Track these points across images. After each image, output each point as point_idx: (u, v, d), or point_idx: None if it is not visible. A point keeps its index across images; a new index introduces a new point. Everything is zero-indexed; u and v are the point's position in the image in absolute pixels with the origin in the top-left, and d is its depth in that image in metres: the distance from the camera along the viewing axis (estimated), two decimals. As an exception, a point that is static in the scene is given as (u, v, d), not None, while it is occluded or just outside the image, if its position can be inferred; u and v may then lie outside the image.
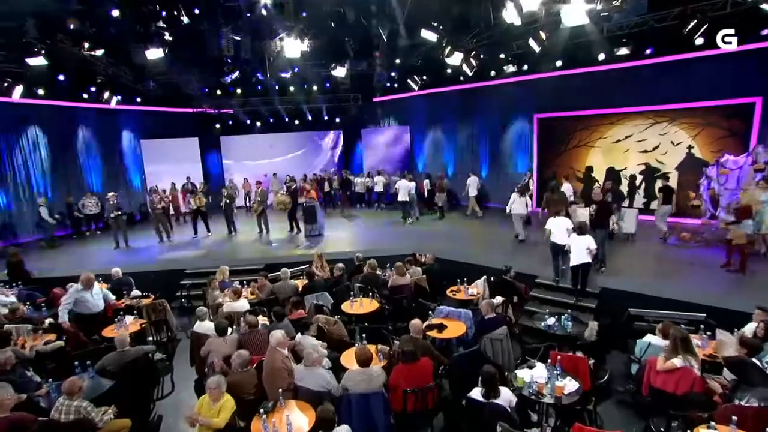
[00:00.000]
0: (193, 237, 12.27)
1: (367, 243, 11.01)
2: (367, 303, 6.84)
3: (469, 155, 15.41)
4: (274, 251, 10.48)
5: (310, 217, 11.43)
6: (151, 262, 10.21)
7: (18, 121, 13.06)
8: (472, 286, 7.33)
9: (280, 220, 13.76)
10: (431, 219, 13.68)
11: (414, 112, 16.90)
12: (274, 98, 16.86)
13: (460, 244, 10.42)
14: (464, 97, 15.05)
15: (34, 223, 13.23)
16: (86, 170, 14.83)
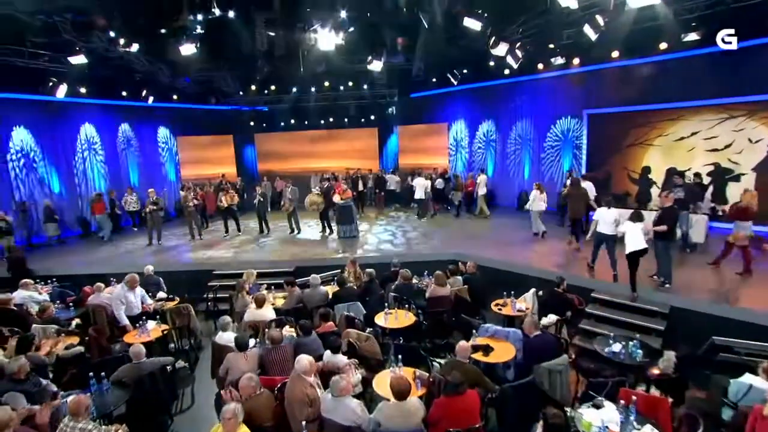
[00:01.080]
0: (224, 235, 12.04)
1: (404, 246, 10.39)
2: (402, 316, 6.22)
3: (512, 153, 14.49)
4: (305, 253, 10.03)
5: (346, 217, 10.91)
6: (180, 261, 10.00)
7: (71, 119, 13.41)
8: (519, 300, 6.57)
9: (313, 218, 13.40)
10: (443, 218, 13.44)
11: (453, 109, 16.13)
12: (308, 95, 16.53)
13: (502, 250, 9.61)
14: (507, 93, 14.15)
15: (77, 217, 13.50)
16: (124, 167, 15.00)
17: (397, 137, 17.44)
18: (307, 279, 7.73)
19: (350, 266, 7.92)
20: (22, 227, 11.78)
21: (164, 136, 16.22)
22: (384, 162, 17.93)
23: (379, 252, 9.98)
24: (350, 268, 7.92)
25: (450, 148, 16.40)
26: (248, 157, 18.02)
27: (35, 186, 12.63)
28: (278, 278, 8.91)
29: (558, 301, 6.47)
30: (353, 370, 4.58)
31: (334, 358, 4.69)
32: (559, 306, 6.37)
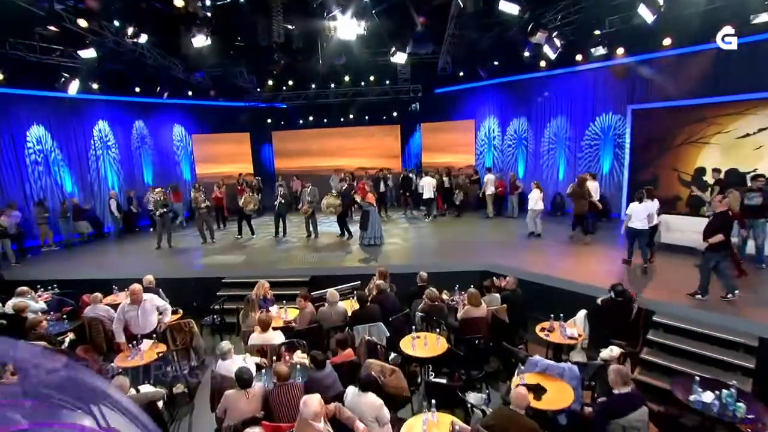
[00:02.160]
0: (237, 237, 11.37)
1: (431, 254, 9.50)
2: (433, 341, 5.35)
3: (545, 153, 13.42)
4: (323, 261, 9.24)
5: (365, 223, 10.06)
6: (189, 267, 9.35)
7: (86, 116, 13.05)
8: (569, 324, 5.62)
9: (331, 221, 12.67)
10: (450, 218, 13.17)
11: (480, 105, 15.12)
12: (327, 90, 15.78)
13: (536, 260, 8.63)
14: (541, 87, 13.09)
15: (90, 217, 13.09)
16: (138, 165, 14.55)
17: (421, 135, 16.51)
18: (324, 292, 6.96)
19: (380, 277, 7.03)
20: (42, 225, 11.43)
21: (179, 134, 15.72)
22: (406, 161, 17.04)
23: (402, 260, 9.12)
24: (380, 279, 7.02)
25: (478, 147, 15.38)
26: (265, 155, 17.39)
27: (52, 185, 12.26)
28: (292, 288, 8.16)
29: (616, 312, 5.53)
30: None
31: (360, 399, 3.83)
32: (618, 320, 5.43)
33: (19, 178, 11.59)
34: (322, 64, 11.85)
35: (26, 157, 11.76)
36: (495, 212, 13.00)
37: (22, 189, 11.66)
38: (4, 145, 11.34)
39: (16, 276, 9.30)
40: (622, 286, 5.83)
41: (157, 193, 10.76)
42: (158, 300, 5.94)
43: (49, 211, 11.67)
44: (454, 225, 12.43)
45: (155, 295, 5.96)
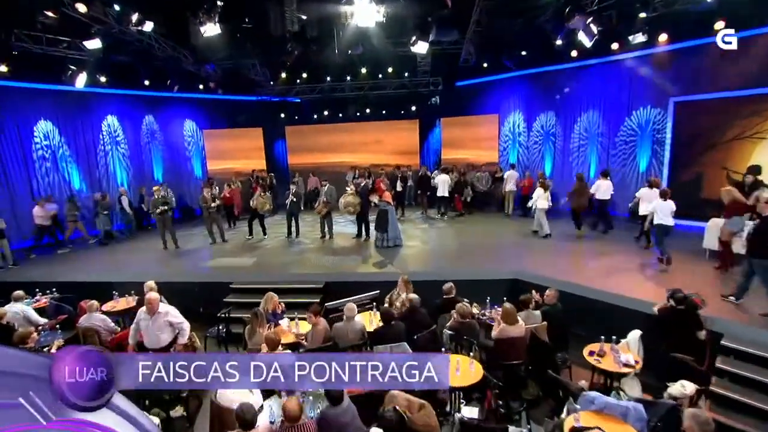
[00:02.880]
0: (248, 238, 10.79)
1: (453, 259, 8.77)
2: (465, 365, 4.64)
3: (575, 150, 12.53)
4: (338, 265, 8.57)
5: (381, 223, 9.37)
6: (195, 270, 8.78)
7: (94, 111, 12.64)
8: (622, 347, 4.85)
9: (346, 221, 12.06)
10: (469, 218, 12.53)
11: (505, 98, 14.26)
12: (343, 83, 15.10)
13: (569, 267, 7.84)
14: (572, 79, 12.18)
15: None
16: (148, 161, 14.11)
17: (440, 130, 15.73)
18: (340, 303, 6.31)
19: (402, 287, 6.33)
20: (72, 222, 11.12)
21: (190, 129, 15.23)
22: (425, 158, 16.29)
23: (422, 266, 8.41)
24: (402, 288, 6.32)
25: (502, 143, 14.55)
26: (279, 151, 16.82)
27: (60, 181, 11.88)
28: (305, 296, 7.55)
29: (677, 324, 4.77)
30: None
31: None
32: (679, 334, 4.68)
33: (26, 175, 11.21)
34: (338, 54, 11.15)
35: (33, 152, 11.38)
36: (521, 212, 12.21)
37: (29, 185, 11.28)
38: (11, 140, 10.95)
39: (16, 277, 8.88)
40: (682, 293, 5.05)
41: (156, 190, 10.23)
42: (175, 315, 5.25)
43: (80, 209, 11.40)
44: (476, 226, 11.67)
45: (173, 310, 5.32)
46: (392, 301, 6.41)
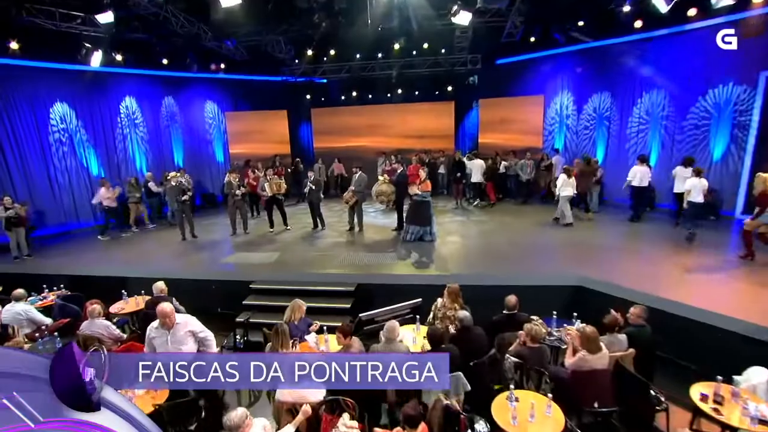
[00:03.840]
0: (270, 231, 9.96)
1: (498, 258, 7.70)
2: (540, 407, 3.63)
3: (634, 135, 11.12)
4: (370, 263, 7.62)
5: (421, 216, 8.34)
6: (213, 266, 7.99)
7: (111, 92, 11.98)
8: (745, 391, 3.74)
9: (374, 212, 11.15)
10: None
11: (552, 77, 12.86)
12: (373, 62, 13.99)
13: (636, 271, 6.67)
14: (634, 54, 10.70)
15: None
16: (168, 145, 13.45)
17: (477, 113, 14.49)
18: (375, 314, 5.41)
19: (449, 299, 5.32)
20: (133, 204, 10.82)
21: (211, 111, 14.46)
22: (460, 142, 15.10)
23: (463, 266, 7.38)
24: (450, 302, 5.32)
25: (547, 127, 13.21)
26: (304, 134, 15.93)
27: (77, 166, 11.33)
28: (333, 300, 6.67)
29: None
30: None
31: None
32: None
33: (42, 160, 10.67)
34: (369, 27, 10.03)
35: (50, 135, 10.81)
36: (576, 204, 11.02)
37: (47, 171, 10.75)
38: (27, 123, 10.40)
39: (29, 269, 8.35)
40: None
41: (172, 176, 9.45)
42: (195, 324, 4.39)
43: (141, 191, 11.04)
44: (520, 218, 10.51)
45: (192, 319, 4.50)
46: (435, 314, 5.44)
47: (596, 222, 9.85)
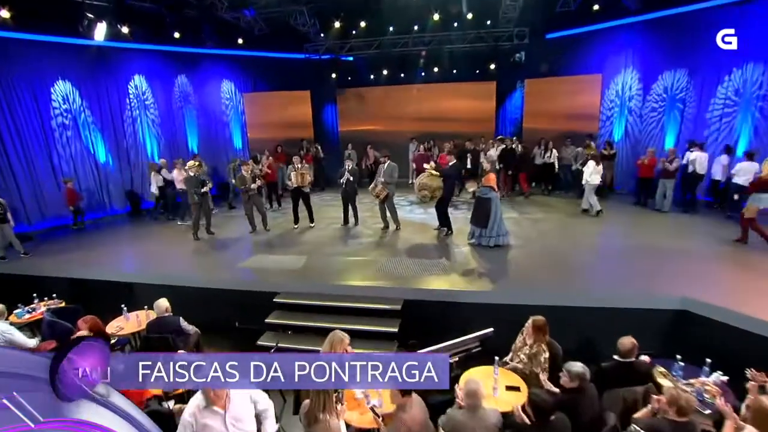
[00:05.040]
0: (294, 228, 8.78)
1: (573, 268, 6.35)
2: None
3: (716, 120, 9.49)
4: (418, 273, 6.34)
5: (482, 216, 7.00)
6: (232, 271, 6.78)
7: (119, 70, 10.84)
8: None
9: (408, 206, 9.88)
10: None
11: (614, 53, 11.16)
12: (406, 36, 12.52)
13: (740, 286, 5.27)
14: (720, 22, 8.99)
15: (126, 192, 11.19)
16: (181, 129, 12.32)
17: (522, 94, 12.95)
18: (439, 349, 4.19)
19: (533, 336, 4.03)
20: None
21: (228, 92, 13.25)
22: (500, 128, 13.62)
23: (534, 280, 6.05)
24: (533, 339, 4.02)
25: (605, 110, 11.62)
26: (328, 117, 14.64)
27: (83, 152, 10.30)
28: (375, 321, 5.47)
29: None
30: None
31: None
32: None
33: (45, 145, 9.65)
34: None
35: (52, 119, 9.76)
36: (641, 200, 9.63)
37: (50, 159, 9.73)
38: (26, 104, 9.36)
39: (23, 269, 7.35)
40: None
41: (191, 167, 8.27)
42: (256, 392, 3.12)
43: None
44: (579, 215, 9.11)
45: (256, 391, 3.15)
46: (516, 354, 4.18)
47: (677, 222, 8.39)
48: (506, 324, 4.42)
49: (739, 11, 8.65)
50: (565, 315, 5.13)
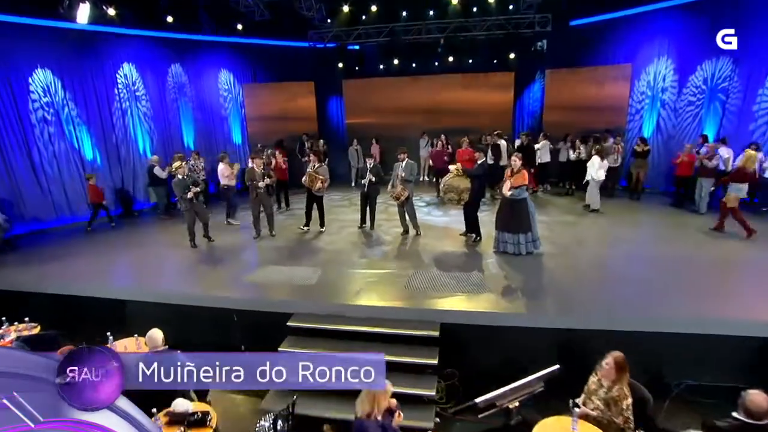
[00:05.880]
0: (305, 229, 7.91)
1: (621, 280, 5.52)
2: None
3: (763, 112, 8.70)
4: (451, 288, 5.48)
5: (516, 220, 6.15)
6: (235, 285, 5.92)
7: (107, 58, 9.85)
8: None
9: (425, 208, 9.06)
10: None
11: (647, 40, 10.32)
12: (419, 23, 11.63)
13: None
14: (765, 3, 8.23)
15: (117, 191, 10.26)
16: (175, 122, 11.37)
17: (542, 86, 12.11)
18: (494, 398, 3.43)
19: (614, 375, 3.23)
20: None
21: (226, 82, 12.30)
22: (517, 122, 12.78)
23: (582, 299, 5.23)
24: (611, 379, 3.23)
25: (634, 103, 10.79)
26: (333, 111, 13.74)
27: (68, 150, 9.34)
28: (408, 351, 4.63)
29: None
30: None
31: None
32: None
33: (23, 142, 8.67)
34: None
35: (31, 113, 8.78)
36: (678, 201, 8.89)
37: (29, 158, 8.75)
38: (1, 96, 8.35)
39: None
40: None
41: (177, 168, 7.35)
42: None
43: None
44: (619, 217, 8.34)
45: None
46: (589, 395, 3.39)
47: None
48: (563, 352, 3.66)
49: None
50: (625, 340, 4.35)
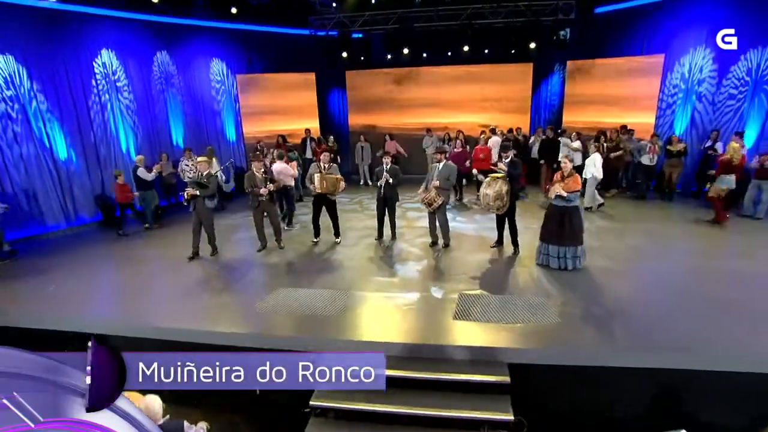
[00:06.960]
0: (315, 241, 6.90)
1: (680, 297, 4.65)
2: None
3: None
4: (510, 316, 4.55)
5: (570, 231, 5.25)
6: (244, 318, 4.90)
7: (83, 42, 8.63)
8: None
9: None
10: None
11: (682, 28, 9.53)
12: (430, 10, 10.67)
13: None
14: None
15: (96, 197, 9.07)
16: (162, 116, 10.20)
17: (562, 79, 11.26)
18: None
19: None
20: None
21: (219, 73, 11.18)
22: (533, 117, 11.94)
23: (649, 326, 4.34)
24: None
25: (665, 98, 10.00)
26: (335, 105, 12.70)
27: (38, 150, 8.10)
28: (474, 404, 3.66)
29: None
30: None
31: None
32: None
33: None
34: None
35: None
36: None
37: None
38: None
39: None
40: None
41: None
42: None
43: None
44: (664, 222, 7.55)
45: None
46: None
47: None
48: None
49: None
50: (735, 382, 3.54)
